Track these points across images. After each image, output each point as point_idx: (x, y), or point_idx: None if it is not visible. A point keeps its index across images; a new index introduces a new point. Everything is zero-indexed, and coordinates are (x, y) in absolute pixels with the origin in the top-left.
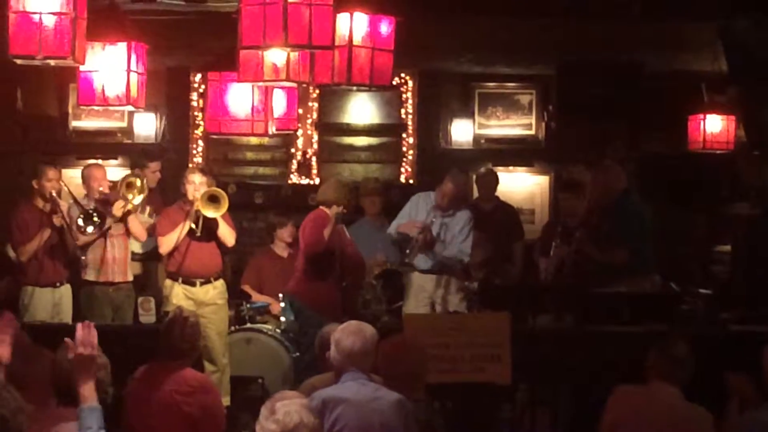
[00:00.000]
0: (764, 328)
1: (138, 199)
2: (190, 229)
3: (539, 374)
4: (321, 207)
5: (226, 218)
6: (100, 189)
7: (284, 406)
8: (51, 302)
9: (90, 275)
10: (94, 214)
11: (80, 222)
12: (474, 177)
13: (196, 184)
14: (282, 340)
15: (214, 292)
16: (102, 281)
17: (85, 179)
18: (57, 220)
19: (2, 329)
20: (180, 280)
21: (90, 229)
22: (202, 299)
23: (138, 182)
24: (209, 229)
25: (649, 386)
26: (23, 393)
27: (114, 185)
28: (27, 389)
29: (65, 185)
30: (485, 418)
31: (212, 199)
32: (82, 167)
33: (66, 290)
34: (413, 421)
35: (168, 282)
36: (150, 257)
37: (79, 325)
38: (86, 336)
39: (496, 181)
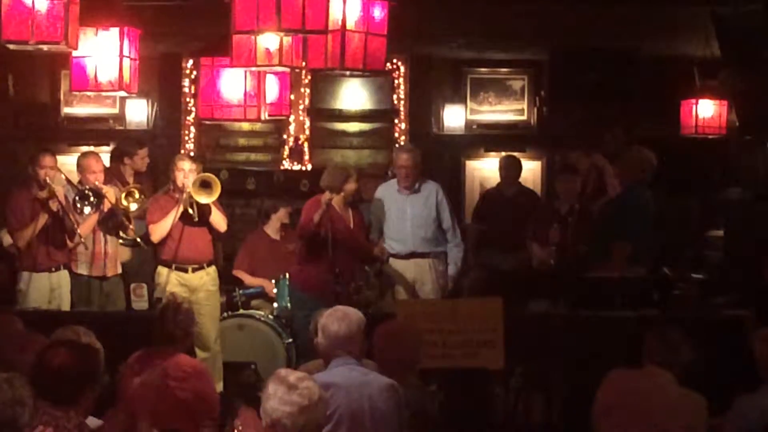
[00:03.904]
0: (757, 313)
1: (134, 206)
2: (186, 214)
3: (533, 359)
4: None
5: (216, 204)
6: (96, 183)
7: (300, 380)
8: (48, 287)
9: (82, 269)
10: (90, 195)
11: (77, 204)
12: (498, 163)
13: (186, 171)
14: (274, 326)
15: (207, 278)
16: (94, 275)
17: (81, 169)
18: (54, 206)
19: None
20: (173, 266)
21: (87, 209)
22: (195, 285)
23: (137, 194)
24: (202, 214)
25: (643, 371)
26: None
27: (109, 176)
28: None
29: (60, 171)
30: (479, 403)
31: (204, 185)
32: (74, 154)
33: (64, 275)
34: (404, 406)
35: (160, 269)
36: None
37: None
38: None
39: (519, 166)
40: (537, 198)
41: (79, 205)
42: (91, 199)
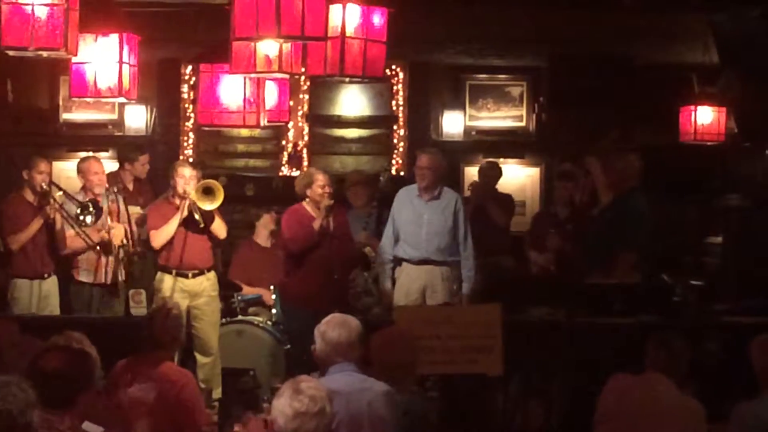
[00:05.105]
0: (754, 320)
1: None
2: (192, 222)
3: (532, 366)
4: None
5: (217, 211)
6: (100, 202)
7: (310, 389)
8: (38, 294)
9: (83, 276)
10: (90, 205)
11: (80, 216)
12: (478, 169)
13: (186, 178)
14: (273, 332)
15: (207, 283)
16: (97, 283)
17: (83, 172)
18: (52, 212)
19: None
20: (173, 272)
21: (89, 219)
22: (195, 291)
23: (137, 259)
24: (204, 221)
25: (644, 376)
26: None
27: (110, 180)
28: None
29: (54, 183)
30: (478, 409)
31: (207, 191)
32: (73, 159)
33: (53, 282)
34: (401, 413)
35: (160, 275)
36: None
37: None
38: None
39: (499, 174)
40: (512, 203)
41: (81, 217)
42: (91, 209)
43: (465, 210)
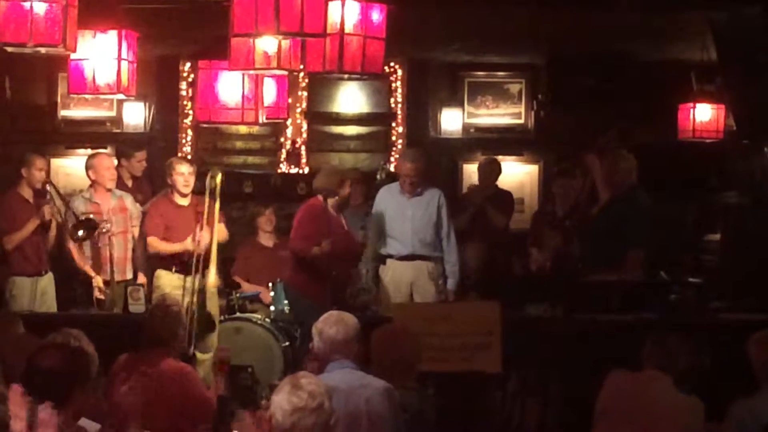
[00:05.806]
0: (753, 317)
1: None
2: (190, 221)
3: (530, 363)
4: (317, 195)
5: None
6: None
7: (310, 384)
8: (37, 292)
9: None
10: (85, 222)
11: (72, 229)
12: (477, 166)
13: (186, 175)
14: (271, 329)
15: (206, 280)
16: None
17: (95, 168)
18: (48, 211)
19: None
20: (173, 269)
21: (80, 233)
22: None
23: None
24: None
25: (642, 373)
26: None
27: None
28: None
29: (52, 183)
30: (476, 407)
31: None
32: (71, 156)
33: (49, 279)
34: (400, 410)
35: (159, 271)
36: None
37: None
38: None
39: (499, 171)
40: (511, 200)
41: (74, 232)
42: (85, 226)
43: (447, 206)
